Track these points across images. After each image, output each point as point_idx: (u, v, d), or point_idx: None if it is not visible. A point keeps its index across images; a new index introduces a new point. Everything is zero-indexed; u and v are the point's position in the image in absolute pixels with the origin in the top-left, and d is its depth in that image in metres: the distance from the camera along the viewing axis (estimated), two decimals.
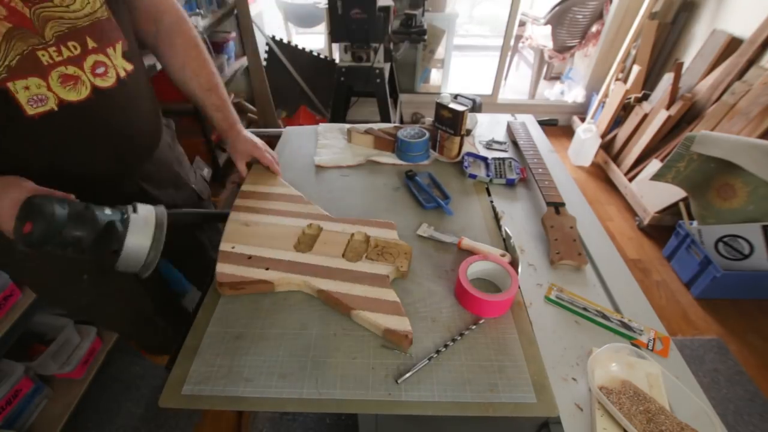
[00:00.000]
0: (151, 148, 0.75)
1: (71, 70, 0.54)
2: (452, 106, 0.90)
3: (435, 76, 2.89)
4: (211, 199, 0.97)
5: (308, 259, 0.66)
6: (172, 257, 0.95)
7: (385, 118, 1.87)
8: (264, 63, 2.30)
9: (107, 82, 0.59)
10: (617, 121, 2.29)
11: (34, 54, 0.51)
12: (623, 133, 2.19)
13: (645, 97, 2.13)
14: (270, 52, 2.39)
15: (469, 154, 0.97)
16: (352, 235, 0.71)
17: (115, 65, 0.60)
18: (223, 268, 0.64)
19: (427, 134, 0.97)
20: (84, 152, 0.62)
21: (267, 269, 0.64)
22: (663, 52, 2.24)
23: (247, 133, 0.85)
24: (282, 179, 0.86)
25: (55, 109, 0.54)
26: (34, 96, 0.52)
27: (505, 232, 0.74)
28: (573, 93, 2.77)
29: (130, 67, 0.63)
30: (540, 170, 0.88)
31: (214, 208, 0.96)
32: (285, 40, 2.40)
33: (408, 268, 0.67)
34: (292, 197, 0.81)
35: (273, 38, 2.37)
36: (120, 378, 1.27)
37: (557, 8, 2.67)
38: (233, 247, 0.68)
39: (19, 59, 0.49)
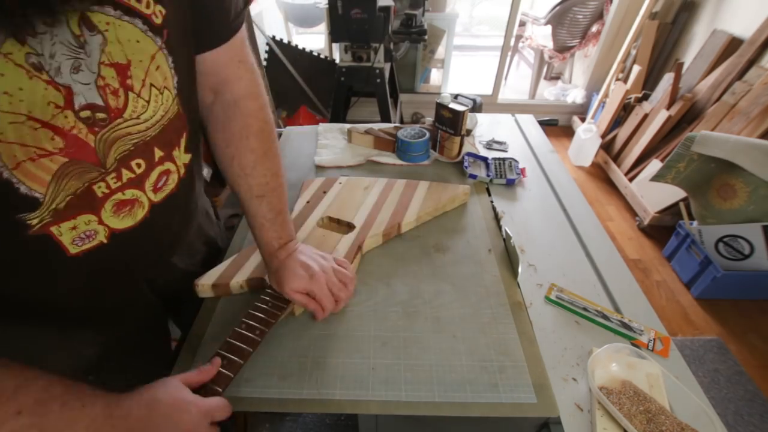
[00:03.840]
0: (189, 233, 0.61)
1: (129, 193, 0.42)
2: (452, 106, 0.90)
3: (435, 76, 2.89)
4: (223, 233, 0.78)
5: None
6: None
7: (385, 118, 1.88)
8: (264, 63, 2.31)
9: (166, 191, 0.47)
10: (617, 121, 2.29)
11: (90, 189, 0.38)
12: (623, 133, 2.19)
13: (645, 97, 2.13)
14: (270, 52, 2.39)
15: (469, 154, 0.97)
16: None
17: (178, 167, 0.47)
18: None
19: (427, 134, 0.97)
20: (126, 277, 0.51)
21: None
22: (663, 52, 2.24)
23: (305, 257, 0.57)
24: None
25: (105, 242, 0.42)
26: (81, 234, 0.40)
27: (505, 232, 0.74)
28: (573, 93, 2.77)
29: (189, 156, 0.49)
30: None
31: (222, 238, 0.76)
32: (285, 40, 2.40)
33: None
34: None
35: (273, 38, 2.37)
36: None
37: (557, 8, 2.67)
38: None
39: (69, 199, 0.37)
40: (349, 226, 0.74)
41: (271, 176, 0.54)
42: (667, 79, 1.97)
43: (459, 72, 3.62)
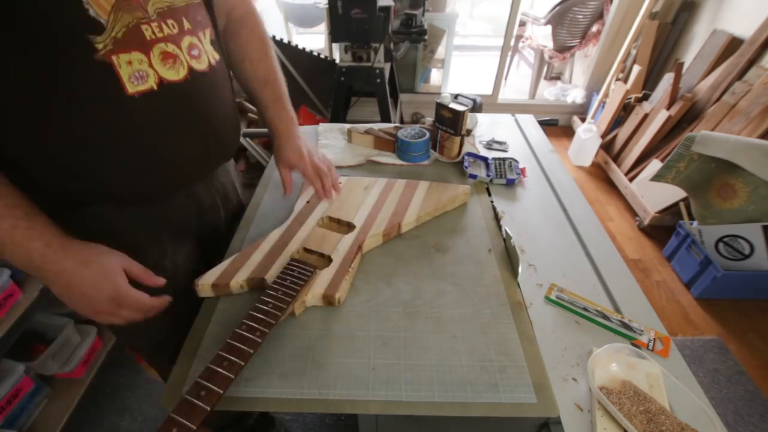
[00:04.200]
0: (231, 147, 0.72)
1: (171, 47, 0.53)
2: (452, 106, 0.90)
3: (435, 76, 2.89)
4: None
5: None
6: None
7: (385, 118, 1.87)
8: None
9: (201, 65, 0.58)
10: (617, 121, 2.29)
11: (139, 27, 0.49)
12: (623, 133, 2.19)
13: (645, 97, 2.13)
14: None
15: (469, 154, 0.97)
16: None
17: (206, 51, 0.60)
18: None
19: (428, 134, 0.97)
20: (177, 135, 0.59)
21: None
22: (663, 52, 2.24)
23: (302, 143, 0.77)
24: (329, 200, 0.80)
25: (155, 88, 0.52)
26: (135, 72, 0.50)
27: (505, 232, 0.74)
28: (573, 93, 2.77)
29: (217, 56, 0.62)
30: None
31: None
32: (285, 40, 2.40)
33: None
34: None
35: (273, 38, 2.37)
36: (125, 374, 1.28)
37: (557, 8, 2.67)
38: None
39: (125, 31, 0.48)
40: (349, 226, 0.74)
41: (271, 70, 0.74)
42: (667, 79, 1.97)
43: (459, 72, 3.62)
